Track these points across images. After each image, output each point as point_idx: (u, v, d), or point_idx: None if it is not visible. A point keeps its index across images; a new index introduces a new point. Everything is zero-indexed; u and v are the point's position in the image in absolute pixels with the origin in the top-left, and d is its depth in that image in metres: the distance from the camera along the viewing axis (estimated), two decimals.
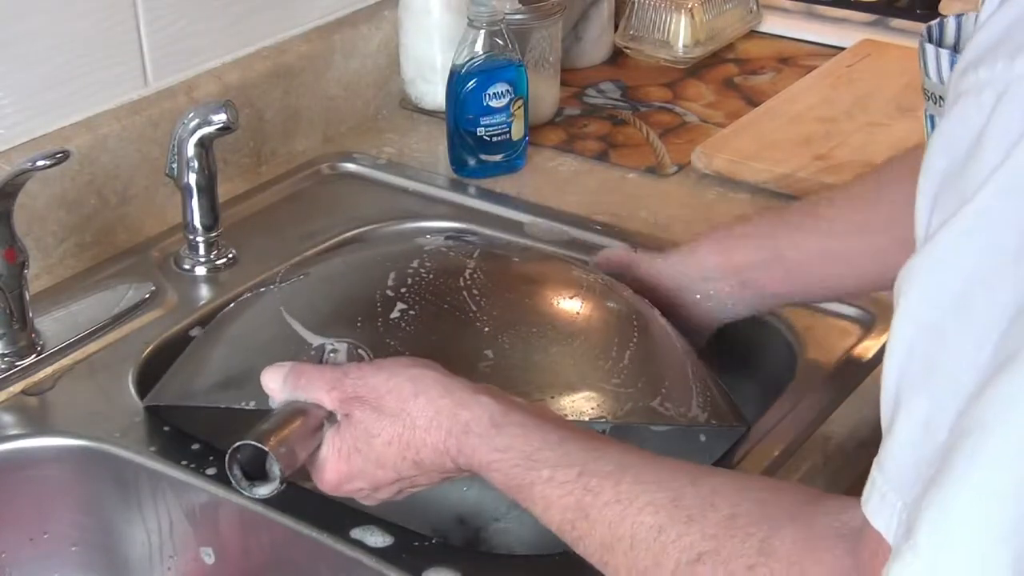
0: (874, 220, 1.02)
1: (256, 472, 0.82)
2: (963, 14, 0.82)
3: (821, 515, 0.70)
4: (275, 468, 0.81)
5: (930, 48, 0.79)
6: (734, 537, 0.70)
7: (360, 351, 0.90)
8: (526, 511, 0.79)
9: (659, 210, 1.34)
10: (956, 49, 0.80)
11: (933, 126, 0.82)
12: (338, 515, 0.92)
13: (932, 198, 0.61)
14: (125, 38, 1.27)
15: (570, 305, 0.97)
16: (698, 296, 1.07)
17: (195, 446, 1.00)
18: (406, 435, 0.82)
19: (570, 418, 0.89)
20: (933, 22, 0.84)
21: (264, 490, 0.82)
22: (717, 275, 1.07)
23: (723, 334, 1.16)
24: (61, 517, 1.04)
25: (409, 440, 0.82)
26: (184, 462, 0.99)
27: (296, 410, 0.84)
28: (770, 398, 1.07)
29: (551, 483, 0.77)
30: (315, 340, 0.91)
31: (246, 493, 0.82)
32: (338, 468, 0.84)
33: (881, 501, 0.61)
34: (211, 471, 0.98)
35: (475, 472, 0.81)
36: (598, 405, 0.90)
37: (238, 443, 0.81)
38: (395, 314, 0.92)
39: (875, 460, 0.63)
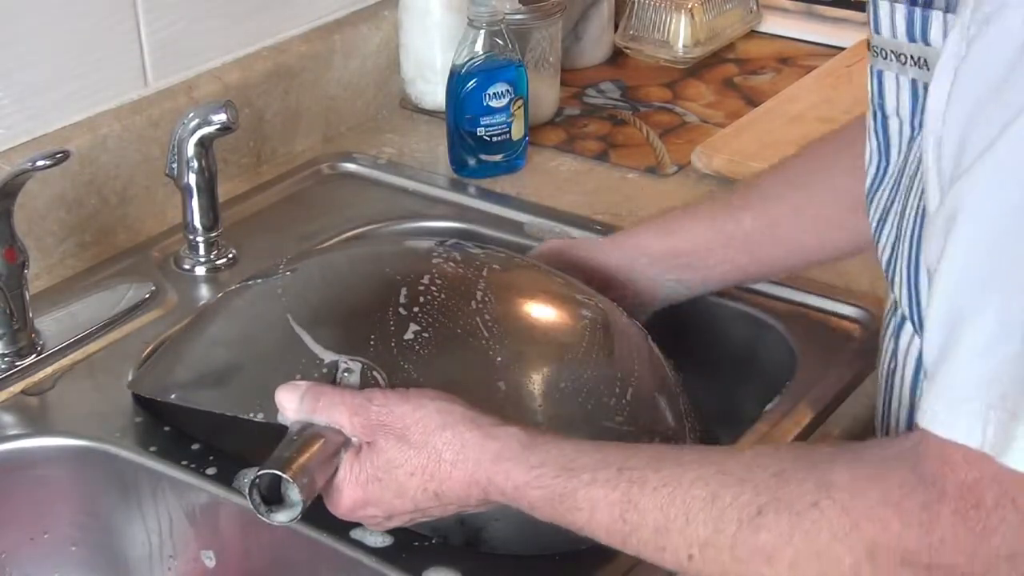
0: (810, 197, 1.05)
1: (273, 495, 0.82)
2: None
3: (869, 448, 0.72)
4: (294, 494, 0.81)
5: (883, 3, 0.80)
6: (789, 483, 0.71)
7: (375, 373, 0.89)
8: (569, 526, 0.79)
9: (659, 210, 1.34)
10: (908, 1, 0.81)
11: (880, 82, 0.83)
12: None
13: (965, 122, 0.65)
14: (125, 38, 1.27)
15: (578, 336, 0.97)
16: (641, 279, 1.09)
17: (195, 446, 1.00)
18: (431, 467, 0.82)
19: None
20: None
21: (283, 516, 0.82)
22: (660, 258, 1.09)
23: (723, 334, 1.17)
24: (61, 517, 1.04)
25: (433, 472, 0.82)
26: (184, 462, 0.99)
27: (314, 435, 0.84)
28: (770, 398, 1.07)
29: (594, 484, 0.77)
30: (326, 356, 0.91)
31: (265, 519, 0.82)
32: (354, 495, 0.84)
33: (953, 414, 0.65)
34: (211, 471, 0.98)
35: (507, 500, 0.81)
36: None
37: (259, 472, 0.81)
38: (409, 335, 0.92)
39: (931, 379, 0.67)
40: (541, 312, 0.98)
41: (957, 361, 0.65)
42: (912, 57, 0.79)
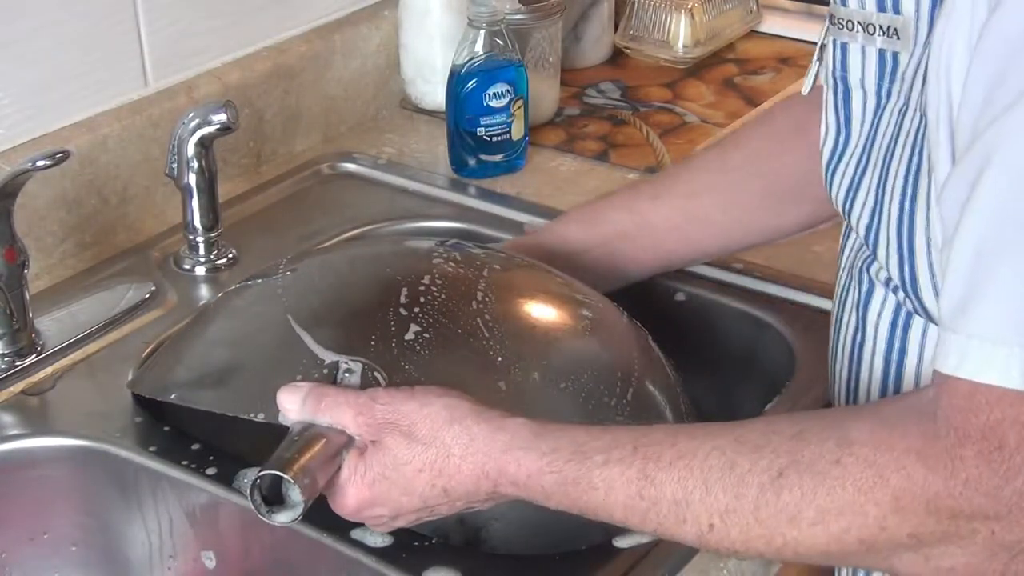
0: (729, 181, 1.08)
1: (274, 496, 0.82)
2: None
3: (886, 404, 0.74)
4: (295, 495, 0.81)
5: None
6: (809, 444, 0.72)
7: (376, 374, 0.89)
8: (584, 510, 0.79)
9: None
10: None
11: (843, 53, 0.84)
12: (338, 515, 0.92)
13: (992, 78, 0.67)
14: (125, 38, 1.27)
15: (578, 336, 0.97)
16: (574, 269, 1.08)
17: (195, 446, 1.00)
18: (439, 462, 0.81)
19: None
20: None
21: (284, 517, 0.82)
22: (585, 247, 1.10)
23: (723, 334, 1.17)
24: (61, 517, 1.04)
25: (442, 467, 0.81)
26: (184, 462, 0.99)
27: (316, 435, 0.83)
28: (770, 398, 1.07)
29: (608, 464, 0.77)
30: (327, 356, 0.91)
31: (266, 520, 0.82)
32: (360, 494, 0.84)
33: (985, 358, 0.66)
34: (211, 471, 0.98)
35: (519, 489, 0.81)
36: None
37: (260, 472, 0.81)
38: (409, 336, 0.92)
39: (952, 326, 0.68)
40: (541, 312, 0.98)
41: (986, 304, 0.66)
42: (881, 27, 0.80)
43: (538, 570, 0.90)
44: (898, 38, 0.79)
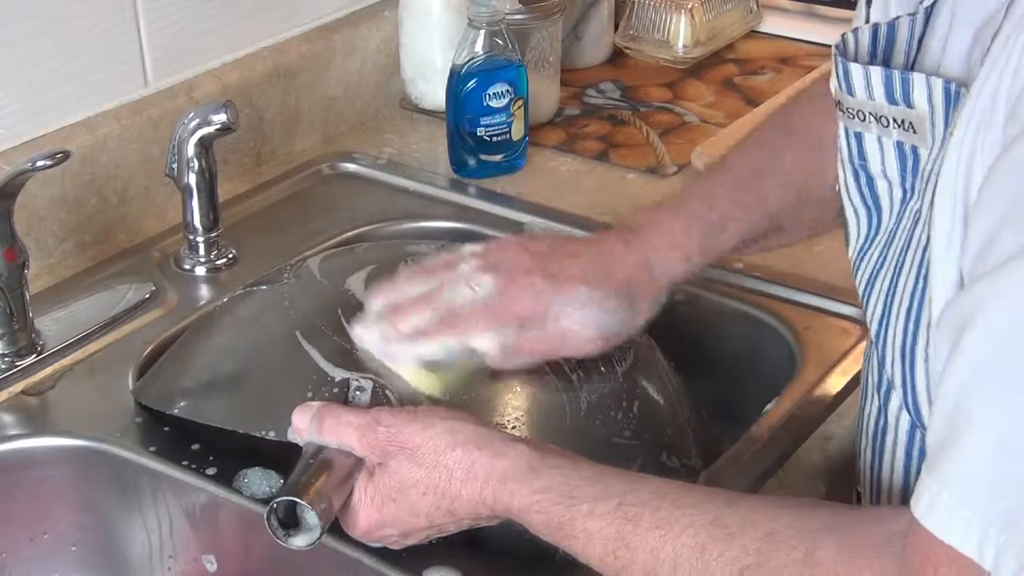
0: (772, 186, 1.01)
1: (289, 519, 0.83)
2: (878, 24, 0.79)
3: (861, 524, 0.71)
4: (311, 518, 0.82)
5: (855, 66, 0.76)
6: (779, 550, 0.71)
7: (387, 392, 0.89)
8: (566, 550, 0.80)
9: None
10: (885, 63, 0.77)
11: (859, 143, 0.79)
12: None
13: (999, 219, 0.63)
14: (125, 38, 1.27)
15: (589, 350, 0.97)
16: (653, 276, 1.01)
17: (195, 446, 1.00)
18: (442, 486, 0.82)
19: None
20: (847, 33, 0.79)
21: (302, 541, 0.82)
22: (669, 258, 1.01)
23: (723, 334, 1.16)
24: (61, 517, 1.04)
25: (445, 491, 0.82)
26: (184, 462, 0.99)
27: (327, 460, 0.84)
28: (770, 398, 1.07)
29: (591, 516, 0.77)
30: (337, 373, 0.91)
31: (284, 544, 0.82)
32: (370, 516, 0.85)
33: (949, 515, 0.63)
34: (211, 471, 0.98)
35: (512, 517, 0.81)
36: (612, 462, 0.90)
37: (277, 498, 0.81)
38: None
39: (929, 467, 0.66)
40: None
41: (957, 462, 0.64)
42: (895, 120, 0.76)
43: (538, 570, 0.90)
44: (914, 132, 0.75)
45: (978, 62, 0.69)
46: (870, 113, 0.77)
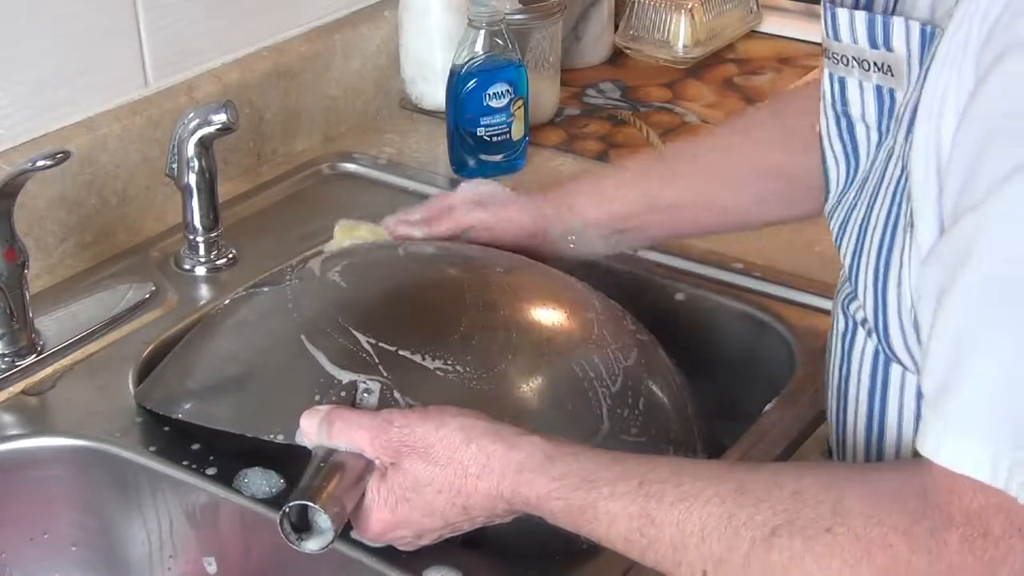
0: (739, 164, 1.08)
1: (302, 523, 0.83)
2: None
3: (883, 472, 0.73)
4: (323, 521, 0.81)
5: (842, 11, 0.79)
6: (805, 505, 0.72)
7: (395, 393, 0.89)
8: (588, 536, 0.80)
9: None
10: (867, 8, 0.80)
11: (842, 87, 0.82)
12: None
13: (981, 142, 0.65)
14: (125, 38, 1.27)
15: (594, 348, 0.97)
16: (573, 239, 1.11)
17: (195, 446, 1.00)
18: (457, 483, 0.82)
19: None
20: None
21: (315, 544, 0.82)
22: (596, 224, 1.11)
23: (723, 334, 1.16)
24: (61, 517, 1.04)
25: (460, 487, 0.82)
26: (184, 462, 0.99)
27: (338, 463, 0.84)
28: (770, 398, 1.07)
29: (613, 497, 0.77)
30: (343, 376, 0.91)
31: (297, 548, 0.82)
32: (383, 518, 0.85)
33: (959, 447, 0.65)
34: (211, 471, 0.98)
35: (531, 509, 0.81)
36: None
37: (290, 503, 0.81)
38: (432, 365, 0.92)
39: (932, 405, 0.68)
40: (554, 318, 0.98)
41: (963, 395, 0.65)
42: (875, 63, 0.79)
43: (538, 570, 0.90)
44: (892, 75, 0.78)
45: (953, 4, 0.71)
46: (853, 57, 0.80)
